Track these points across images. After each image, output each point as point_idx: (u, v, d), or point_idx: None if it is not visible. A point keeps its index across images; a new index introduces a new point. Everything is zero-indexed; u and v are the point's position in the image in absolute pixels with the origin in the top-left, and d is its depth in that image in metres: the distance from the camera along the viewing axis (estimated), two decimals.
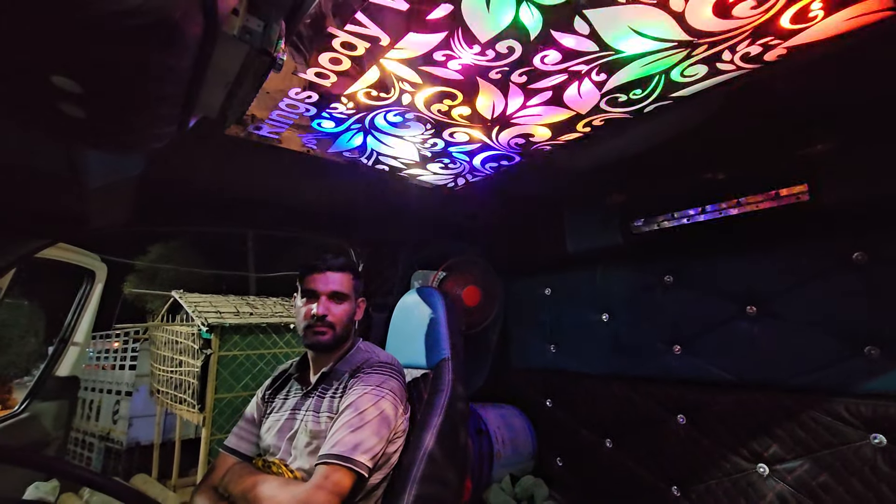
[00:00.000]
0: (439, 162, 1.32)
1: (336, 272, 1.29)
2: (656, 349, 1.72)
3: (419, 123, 1.09)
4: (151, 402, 8.15)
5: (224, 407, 6.32)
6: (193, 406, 6.54)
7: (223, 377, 6.63)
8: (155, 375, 8.19)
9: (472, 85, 0.93)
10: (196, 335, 6.88)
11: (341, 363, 1.30)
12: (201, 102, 0.64)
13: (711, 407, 1.55)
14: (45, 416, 2.12)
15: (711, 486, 1.51)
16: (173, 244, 14.98)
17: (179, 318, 7.80)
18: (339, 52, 0.81)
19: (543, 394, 2.07)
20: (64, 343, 2.33)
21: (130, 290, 11.94)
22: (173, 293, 7.81)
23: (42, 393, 2.17)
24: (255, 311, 7.56)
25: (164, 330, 7.90)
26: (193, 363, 6.85)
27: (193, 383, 6.62)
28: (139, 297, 13.23)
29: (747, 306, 1.50)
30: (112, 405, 9.26)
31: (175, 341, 7.49)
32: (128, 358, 9.85)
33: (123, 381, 9.60)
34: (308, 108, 1.00)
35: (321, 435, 1.16)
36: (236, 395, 6.43)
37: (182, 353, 7.19)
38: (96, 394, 9.98)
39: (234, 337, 6.87)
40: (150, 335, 8.64)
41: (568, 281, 2.07)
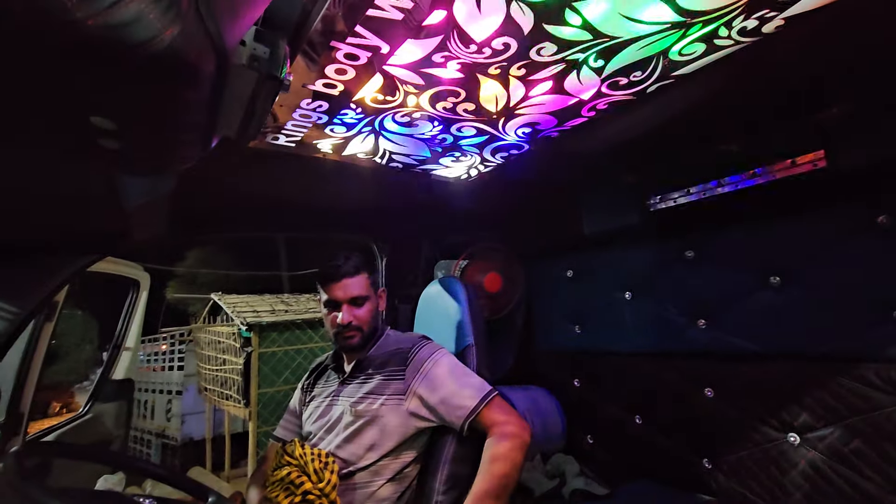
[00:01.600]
0: (450, 156, 1.36)
1: (352, 277, 1.34)
2: (681, 324, 1.73)
3: (427, 122, 1.13)
4: (201, 400, 8.58)
5: (267, 401, 6.60)
6: (239, 401, 6.86)
7: (265, 373, 6.91)
8: (201, 374, 8.60)
9: (473, 81, 0.96)
10: (236, 334, 7.18)
11: (373, 350, 1.38)
12: (220, 125, 0.70)
13: (738, 379, 1.55)
14: (106, 417, 2.30)
15: (742, 457, 1.52)
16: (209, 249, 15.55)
17: (220, 319, 8.14)
18: (343, 63, 0.85)
19: (571, 374, 2.11)
20: (117, 349, 2.51)
21: (172, 294, 12.48)
22: (212, 295, 8.15)
23: (102, 396, 2.35)
24: (290, 308, 7.82)
25: (207, 331, 8.26)
26: (236, 361, 7.16)
27: (237, 380, 6.94)
28: (181, 301, 13.86)
29: (770, 277, 1.49)
30: (165, 404, 9.80)
31: (217, 341, 7.83)
32: (175, 359, 10.38)
33: (173, 381, 10.13)
34: (320, 117, 1.06)
35: (364, 415, 1.24)
36: (277, 389, 6.70)
37: (225, 351, 7.52)
38: (150, 394, 10.58)
39: (272, 334, 7.14)
40: (194, 336, 9.05)
41: (588, 262, 2.08)
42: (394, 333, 1.46)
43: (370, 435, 1.23)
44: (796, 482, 1.39)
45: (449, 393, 1.19)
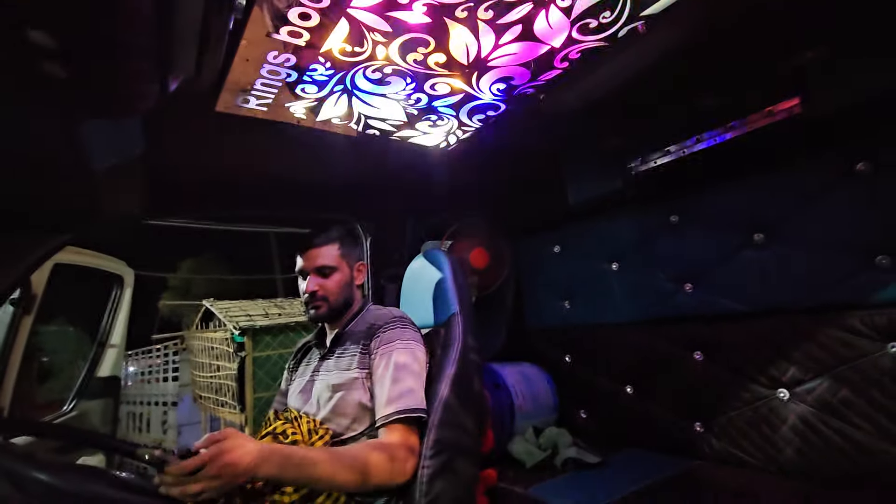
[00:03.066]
0: (427, 120, 1.35)
1: (319, 247, 1.33)
2: (668, 290, 1.72)
3: (399, 78, 1.12)
4: (196, 410, 8.49)
5: (263, 406, 6.54)
6: (234, 407, 6.79)
7: (259, 377, 6.86)
8: (196, 382, 8.52)
9: (442, 27, 0.95)
10: (230, 339, 7.12)
11: (353, 324, 1.36)
12: (176, 62, 0.68)
13: (727, 339, 1.54)
14: (92, 414, 2.26)
15: (733, 418, 1.51)
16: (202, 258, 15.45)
17: (213, 326, 8.08)
18: (307, 6, 0.84)
19: (562, 350, 2.09)
20: (102, 346, 2.47)
21: (164, 302, 12.38)
22: (204, 302, 8.09)
23: (87, 393, 2.31)
24: (284, 312, 7.77)
25: (199, 337, 8.19)
26: (230, 366, 7.10)
27: (232, 386, 6.88)
28: (175, 312, 13.75)
29: (754, 234, 1.48)
30: (160, 416, 9.69)
31: (211, 347, 7.77)
32: (170, 370, 10.29)
33: (168, 392, 10.03)
34: (289, 73, 1.04)
35: (341, 388, 1.22)
36: (272, 393, 6.63)
37: (218, 357, 7.46)
38: (145, 406, 10.46)
39: (265, 338, 7.09)
40: (188, 344, 8.98)
41: (575, 235, 2.07)
42: (375, 308, 1.44)
43: (350, 408, 1.21)
44: (787, 437, 1.38)
45: (380, 389, 1.18)
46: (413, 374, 1.20)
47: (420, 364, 1.24)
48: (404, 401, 1.14)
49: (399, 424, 1.12)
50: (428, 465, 1.12)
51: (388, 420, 1.13)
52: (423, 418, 1.15)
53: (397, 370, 1.19)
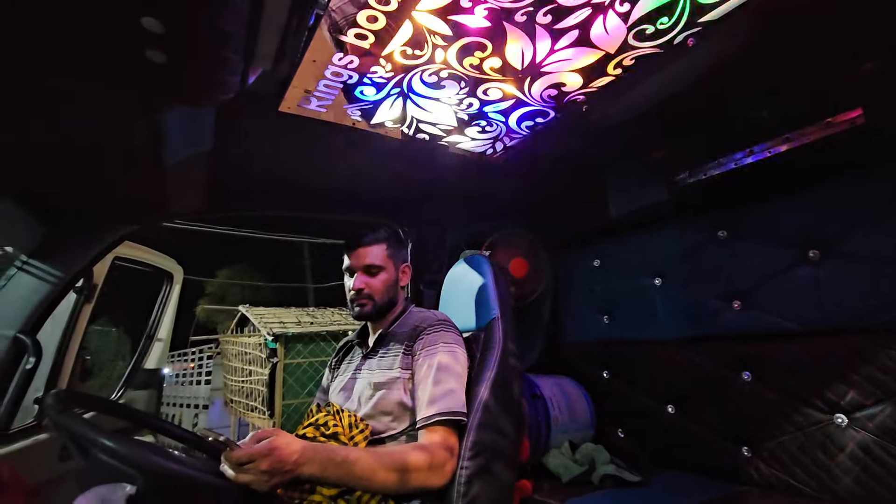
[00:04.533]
0: (476, 125, 1.38)
1: (368, 246, 1.36)
2: (714, 307, 1.67)
3: (454, 82, 1.16)
4: (226, 414, 8.67)
5: (292, 413, 6.62)
6: (264, 413, 6.89)
7: (289, 384, 6.96)
8: (228, 386, 8.70)
9: (500, 32, 0.98)
10: (263, 345, 7.28)
11: (396, 325, 1.38)
12: (258, 52, 0.73)
13: (778, 360, 1.48)
14: (137, 404, 2.35)
15: (784, 443, 1.44)
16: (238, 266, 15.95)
17: (247, 331, 8.28)
18: (374, 8, 0.88)
19: (600, 365, 2.05)
20: (150, 339, 2.57)
21: (202, 307, 12.80)
22: (240, 307, 8.32)
23: (134, 383, 2.41)
24: (315, 321, 7.90)
25: (234, 342, 8.40)
26: (262, 372, 7.24)
27: (263, 391, 7.00)
28: (210, 318, 14.21)
29: (809, 251, 1.43)
30: (192, 418, 9.95)
31: (244, 352, 7.96)
32: (203, 374, 10.60)
33: (200, 395, 10.31)
34: (350, 75, 1.09)
35: (382, 387, 1.24)
36: (302, 401, 6.73)
37: (251, 363, 7.62)
38: (177, 408, 10.78)
39: (297, 345, 7.21)
40: (222, 348, 9.22)
41: (616, 249, 2.05)
42: (418, 310, 1.46)
43: (390, 407, 1.23)
44: (845, 466, 1.31)
45: (422, 390, 1.19)
46: (454, 376, 1.21)
47: (461, 366, 1.24)
48: (445, 402, 1.15)
49: (439, 426, 1.13)
50: (467, 467, 1.12)
51: (428, 421, 1.13)
52: (462, 421, 1.15)
53: (439, 372, 1.20)
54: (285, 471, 0.92)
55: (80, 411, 1.12)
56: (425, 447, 1.10)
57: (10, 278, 1.30)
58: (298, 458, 0.93)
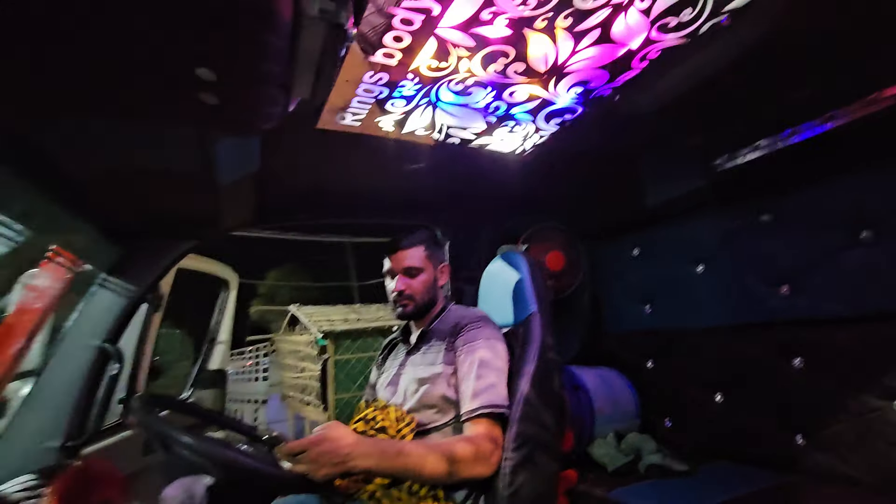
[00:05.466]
0: (505, 126, 1.41)
1: (406, 249, 1.43)
2: (761, 293, 1.63)
3: (480, 88, 1.19)
4: (283, 408, 9.11)
5: (344, 406, 6.88)
6: (318, 406, 7.19)
7: (340, 379, 7.22)
8: (284, 382, 9.13)
9: (521, 38, 1.01)
10: (313, 343, 7.58)
11: (437, 323, 1.44)
12: (297, 84, 0.80)
13: (831, 346, 1.44)
14: (205, 402, 2.55)
15: (840, 431, 1.39)
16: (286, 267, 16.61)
17: (298, 330, 8.64)
18: (400, 29, 0.93)
19: (643, 355, 2.04)
20: (212, 342, 2.78)
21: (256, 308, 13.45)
22: (290, 307, 8.69)
23: (201, 383, 2.61)
24: (361, 318, 8.14)
25: (286, 341, 8.79)
26: (314, 368, 7.54)
27: (316, 386, 7.30)
28: (264, 317, 14.91)
29: (861, 231, 1.37)
30: (252, 413, 10.50)
31: (296, 350, 8.31)
32: (260, 371, 11.14)
33: (259, 391, 10.86)
34: (381, 91, 1.15)
35: (426, 381, 1.30)
36: (353, 394, 6.97)
37: (303, 359, 7.95)
38: (238, 404, 11.40)
39: (345, 342, 7.46)
40: (276, 347, 9.67)
41: (655, 237, 2.02)
42: (458, 308, 1.51)
43: (434, 400, 1.29)
44: None
45: (465, 385, 1.24)
46: (495, 371, 1.25)
47: (502, 361, 1.29)
48: (487, 396, 1.20)
49: (483, 419, 1.18)
50: (510, 458, 1.17)
51: (472, 414, 1.19)
52: (505, 413, 1.20)
53: (481, 367, 1.25)
54: (337, 461, 0.97)
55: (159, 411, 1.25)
56: (471, 439, 1.16)
57: (93, 295, 1.45)
58: (351, 451, 0.99)
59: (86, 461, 1.20)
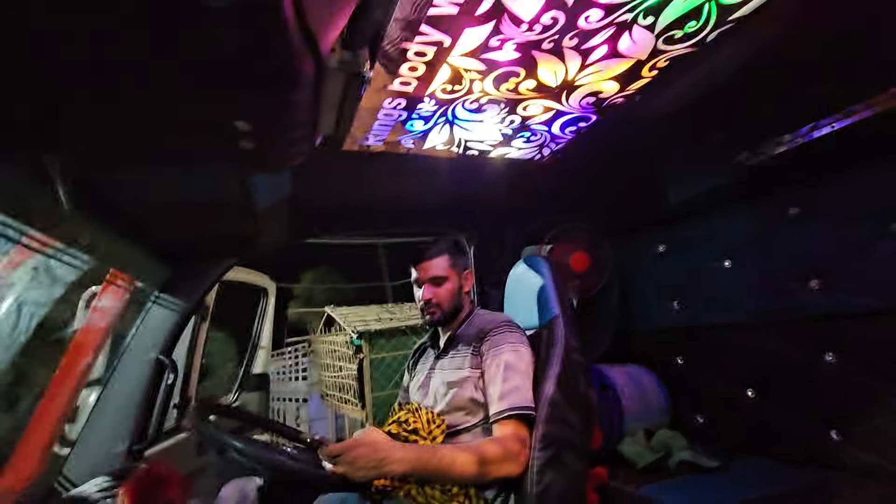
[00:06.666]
0: (521, 137, 1.45)
1: (431, 259, 1.48)
2: (790, 287, 1.61)
3: (494, 105, 1.24)
4: (323, 406, 9.40)
5: (381, 404, 7.05)
6: (356, 404, 7.40)
7: (376, 377, 7.40)
8: (322, 381, 9.41)
9: (530, 60, 1.05)
10: (349, 342, 7.79)
11: (464, 327, 1.51)
12: (321, 123, 0.87)
13: (864, 340, 1.42)
14: (250, 404, 2.71)
15: (878, 426, 1.38)
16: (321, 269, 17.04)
17: (334, 330, 8.88)
18: (414, 60, 1.00)
19: (672, 352, 2.04)
20: (255, 348, 2.94)
21: (292, 310, 13.88)
22: (326, 308, 8.94)
23: (246, 387, 2.77)
24: (395, 317, 8.29)
25: (323, 341, 9.06)
26: (350, 367, 7.75)
27: (353, 384, 7.50)
28: (301, 319, 15.38)
29: (890, 223, 1.35)
30: (294, 411, 10.88)
31: (333, 350, 8.55)
32: (300, 370, 11.52)
33: (299, 390, 11.23)
34: (400, 114, 1.22)
35: (455, 385, 1.37)
36: (389, 392, 7.13)
37: (340, 359, 8.18)
38: (281, 402, 11.83)
39: (380, 341, 7.62)
40: (314, 347, 9.97)
41: (681, 234, 2.01)
42: (484, 312, 1.57)
43: (463, 403, 1.35)
44: None
45: (492, 388, 1.29)
46: (521, 374, 1.30)
47: (527, 364, 1.34)
48: (514, 398, 1.26)
49: (510, 420, 1.24)
50: (538, 458, 1.22)
51: (500, 416, 1.25)
52: (531, 415, 1.25)
53: (507, 370, 1.30)
54: (373, 465, 1.04)
55: (212, 417, 1.37)
56: (499, 440, 1.22)
57: (148, 311, 1.59)
58: (386, 456, 1.07)
59: (151, 464, 1.33)
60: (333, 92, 0.80)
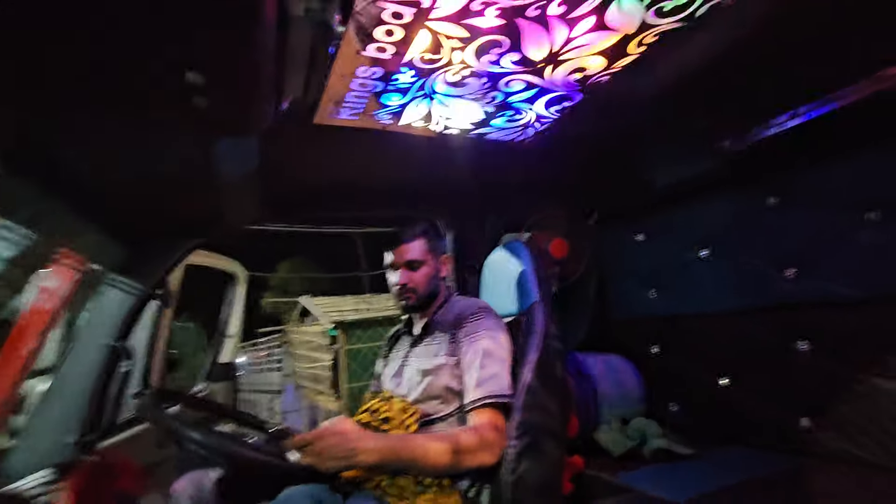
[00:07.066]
0: (503, 115, 1.40)
1: (408, 242, 1.43)
2: (767, 276, 1.62)
3: (475, 79, 1.18)
4: (297, 398, 9.28)
5: (357, 394, 6.98)
6: (331, 395, 7.31)
7: (353, 368, 7.32)
8: (297, 373, 9.29)
9: (514, 29, 0.99)
10: (324, 333, 7.68)
11: (440, 314, 1.45)
12: (287, 83, 0.80)
13: (837, 328, 1.43)
14: (217, 395, 2.61)
15: (847, 413, 1.39)
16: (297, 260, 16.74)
17: (309, 321, 8.75)
18: (391, 23, 0.93)
19: (649, 341, 2.04)
20: (222, 336, 2.83)
21: (266, 300, 13.62)
22: (300, 299, 8.79)
23: (213, 376, 2.67)
24: (372, 307, 8.20)
25: (298, 332, 8.91)
26: (326, 358, 7.65)
27: (328, 375, 7.41)
28: (276, 309, 15.11)
29: (866, 212, 1.35)
30: (267, 403, 10.71)
31: (309, 341, 8.42)
32: (274, 362, 11.34)
33: (273, 382, 11.06)
34: (376, 84, 1.15)
35: (430, 373, 1.32)
36: (365, 383, 7.05)
37: (315, 350, 8.06)
38: (255, 395, 11.62)
39: (356, 331, 7.54)
40: (288, 339, 9.81)
41: (659, 223, 2.01)
42: (461, 299, 1.52)
43: (438, 391, 1.30)
44: None
45: (468, 375, 1.26)
46: (498, 361, 1.26)
47: (505, 351, 1.30)
48: (490, 385, 1.21)
49: (487, 408, 1.20)
50: (514, 445, 1.18)
51: (476, 404, 1.20)
52: (509, 403, 1.21)
53: (484, 357, 1.26)
54: (342, 455, 0.99)
55: (170, 406, 1.29)
56: (475, 428, 1.17)
57: (103, 295, 1.49)
58: (356, 446, 1.01)
59: (102, 453, 1.24)
60: (300, 46, 0.73)
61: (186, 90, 0.70)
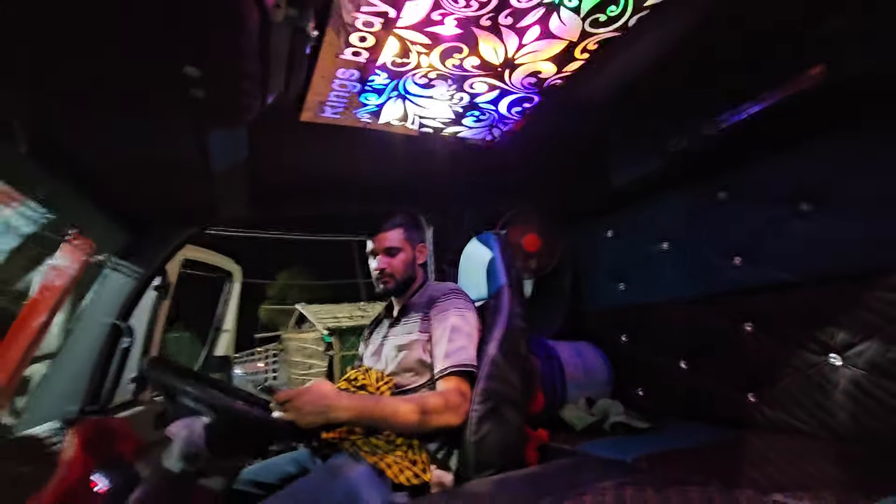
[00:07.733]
0: (471, 116, 1.55)
1: (387, 231, 1.57)
2: (718, 265, 1.76)
3: (442, 81, 1.34)
4: None
5: None
6: None
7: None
8: (292, 380, 9.33)
9: (471, 36, 1.15)
10: (320, 339, 7.77)
11: (415, 297, 1.59)
12: (271, 79, 0.95)
13: (776, 310, 1.56)
14: None
15: (786, 386, 1.52)
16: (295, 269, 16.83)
17: (305, 327, 8.83)
18: (363, 31, 1.09)
19: (618, 330, 2.17)
20: (217, 330, 2.95)
21: (265, 307, 13.69)
22: (297, 306, 8.90)
23: (208, 368, 2.78)
24: (367, 314, 8.31)
25: (294, 338, 9.00)
26: (321, 364, 7.72)
27: None
28: (273, 319, 15.19)
29: (800, 204, 1.50)
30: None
31: (304, 347, 8.50)
32: (270, 373, 11.39)
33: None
34: (354, 85, 1.30)
35: (405, 348, 1.45)
36: None
37: (311, 356, 8.15)
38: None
39: (351, 338, 7.64)
40: (285, 345, 9.88)
41: (626, 219, 2.15)
42: (434, 283, 1.66)
43: (411, 364, 1.43)
44: (840, 402, 1.38)
45: (437, 348, 1.39)
46: (465, 335, 1.40)
47: (472, 327, 1.43)
48: (457, 356, 1.35)
49: (453, 376, 1.33)
50: (477, 410, 1.31)
51: (443, 373, 1.34)
52: (473, 372, 1.34)
53: (452, 332, 1.39)
54: (319, 411, 1.14)
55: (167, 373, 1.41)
56: (441, 393, 1.31)
57: (106, 276, 1.62)
58: (332, 403, 1.16)
59: (104, 418, 1.36)
60: (280, 47, 0.87)
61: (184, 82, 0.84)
